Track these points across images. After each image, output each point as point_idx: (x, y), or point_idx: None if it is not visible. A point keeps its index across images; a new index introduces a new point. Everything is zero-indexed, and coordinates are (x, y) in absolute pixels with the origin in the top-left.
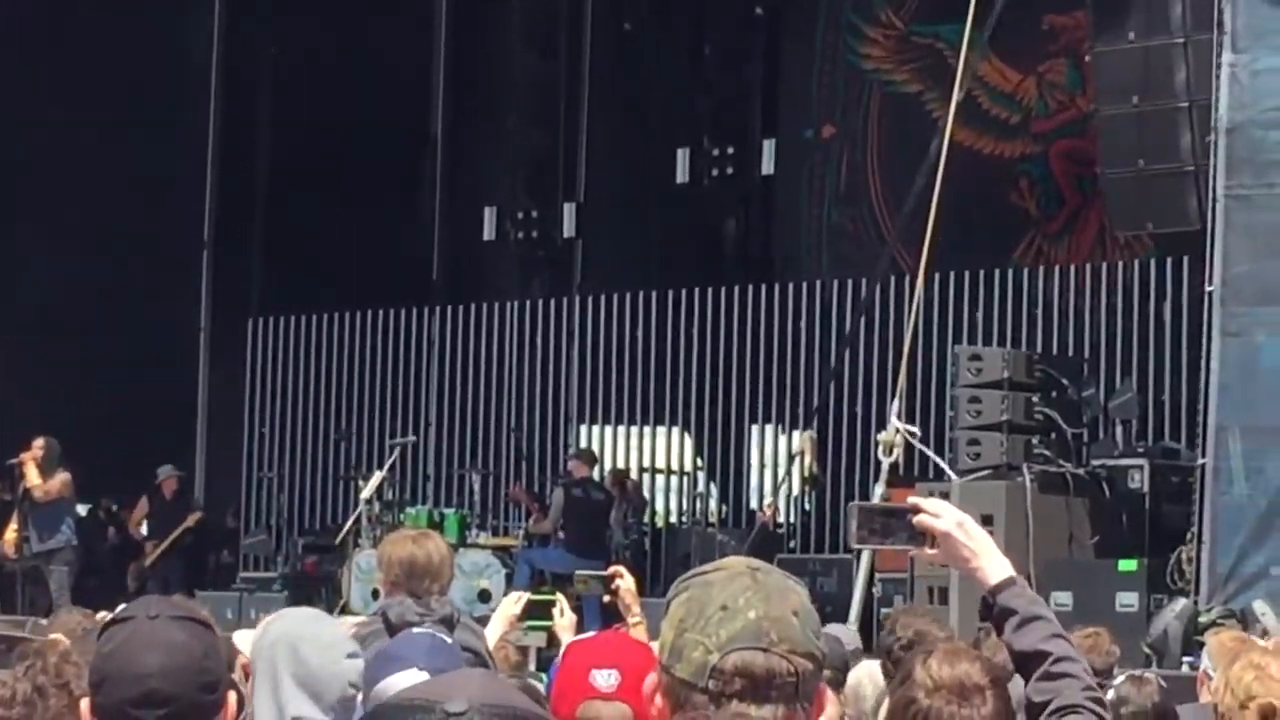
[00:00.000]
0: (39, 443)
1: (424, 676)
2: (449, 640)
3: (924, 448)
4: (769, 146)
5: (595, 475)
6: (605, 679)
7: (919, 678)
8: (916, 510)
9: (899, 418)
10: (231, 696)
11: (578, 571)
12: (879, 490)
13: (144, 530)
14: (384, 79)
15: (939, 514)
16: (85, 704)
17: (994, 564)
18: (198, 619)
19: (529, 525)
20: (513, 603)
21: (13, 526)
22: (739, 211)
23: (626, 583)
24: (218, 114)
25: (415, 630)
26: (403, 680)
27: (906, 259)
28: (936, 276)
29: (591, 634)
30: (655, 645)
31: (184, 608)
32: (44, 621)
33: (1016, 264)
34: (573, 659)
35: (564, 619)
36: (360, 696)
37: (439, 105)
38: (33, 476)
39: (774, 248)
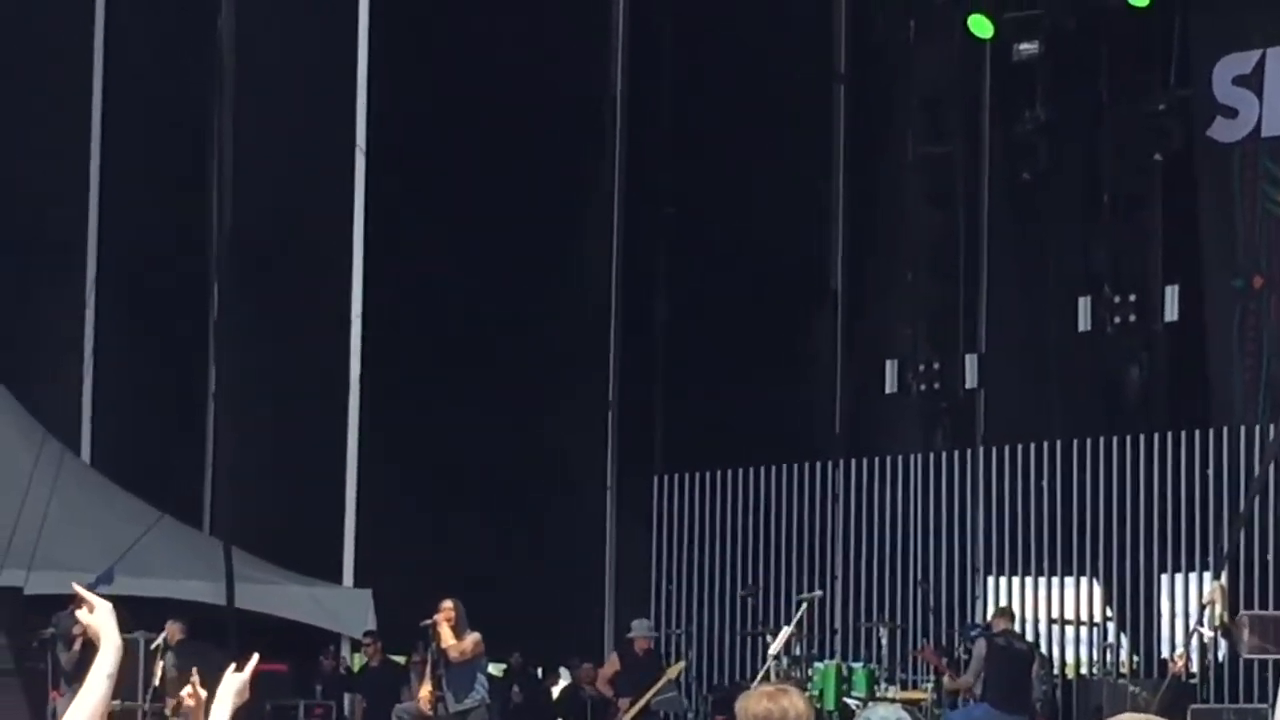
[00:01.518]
0: (449, 604)
1: None
2: None
3: None
4: (1171, 293)
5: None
6: None
7: None
8: None
9: None
10: None
11: None
12: None
13: (610, 690)
14: (783, 233)
15: None
16: None
17: None
18: None
19: (946, 682)
20: None
21: (428, 686)
22: (1142, 358)
23: None
24: (619, 277)
25: None
26: None
27: None
28: None
29: None
30: None
31: None
32: None
33: None
34: None
35: None
36: None
37: (838, 258)
38: (447, 637)
39: (1183, 395)
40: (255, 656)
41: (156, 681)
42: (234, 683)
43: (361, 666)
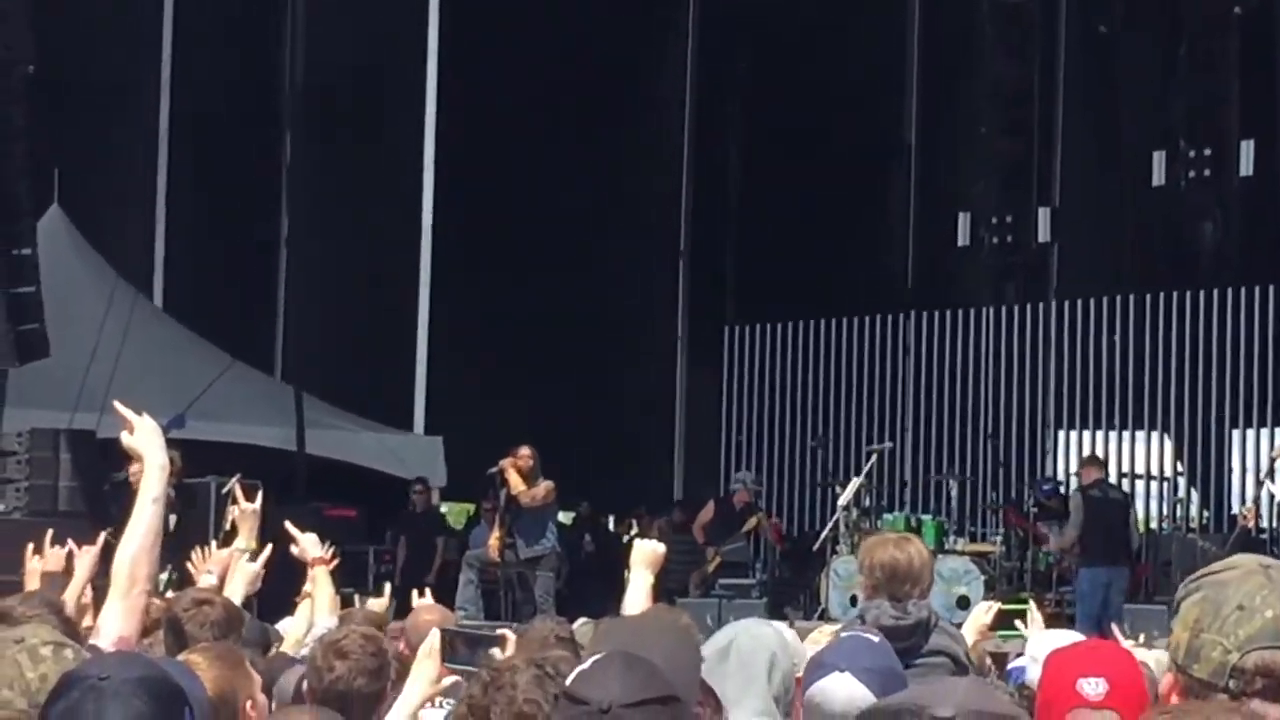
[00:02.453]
0: (523, 451)
1: (847, 678)
2: (876, 640)
3: None
4: (1247, 148)
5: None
6: (1093, 688)
7: None
8: None
9: None
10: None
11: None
12: None
13: (702, 536)
14: (857, 86)
15: None
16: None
17: None
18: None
19: (1051, 544)
20: (983, 612)
21: (496, 533)
22: (1215, 214)
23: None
24: (692, 124)
25: (844, 634)
26: (830, 685)
27: None
28: None
29: (1073, 642)
30: (1139, 650)
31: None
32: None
33: None
34: (1057, 668)
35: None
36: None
37: (912, 111)
38: (516, 484)
39: (1256, 250)
40: (268, 549)
41: (227, 526)
42: (247, 571)
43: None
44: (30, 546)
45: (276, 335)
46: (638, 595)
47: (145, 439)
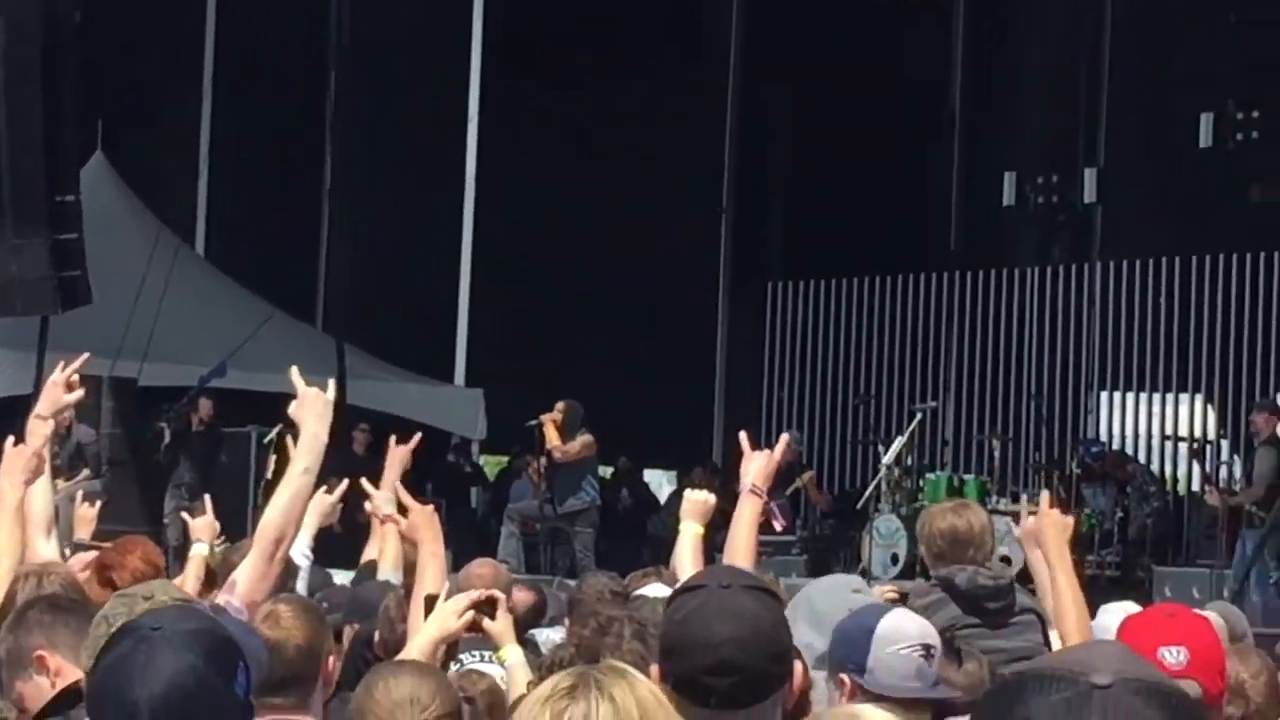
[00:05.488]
0: (560, 405)
1: (906, 610)
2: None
3: None
4: None
5: None
6: (1174, 656)
7: None
8: None
9: None
10: (798, 667)
11: None
12: None
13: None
14: (904, 45)
15: None
16: (655, 670)
17: None
18: (767, 589)
19: (1235, 498)
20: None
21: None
22: (1264, 176)
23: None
24: (736, 79)
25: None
26: (898, 615)
27: None
28: None
29: (1147, 609)
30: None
31: (754, 578)
32: (570, 582)
33: None
34: (1135, 635)
35: None
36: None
37: (958, 69)
38: (553, 438)
39: None
40: (344, 484)
41: (269, 475)
42: (321, 504)
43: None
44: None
45: (318, 286)
46: (687, 547)
47: (306, 408)
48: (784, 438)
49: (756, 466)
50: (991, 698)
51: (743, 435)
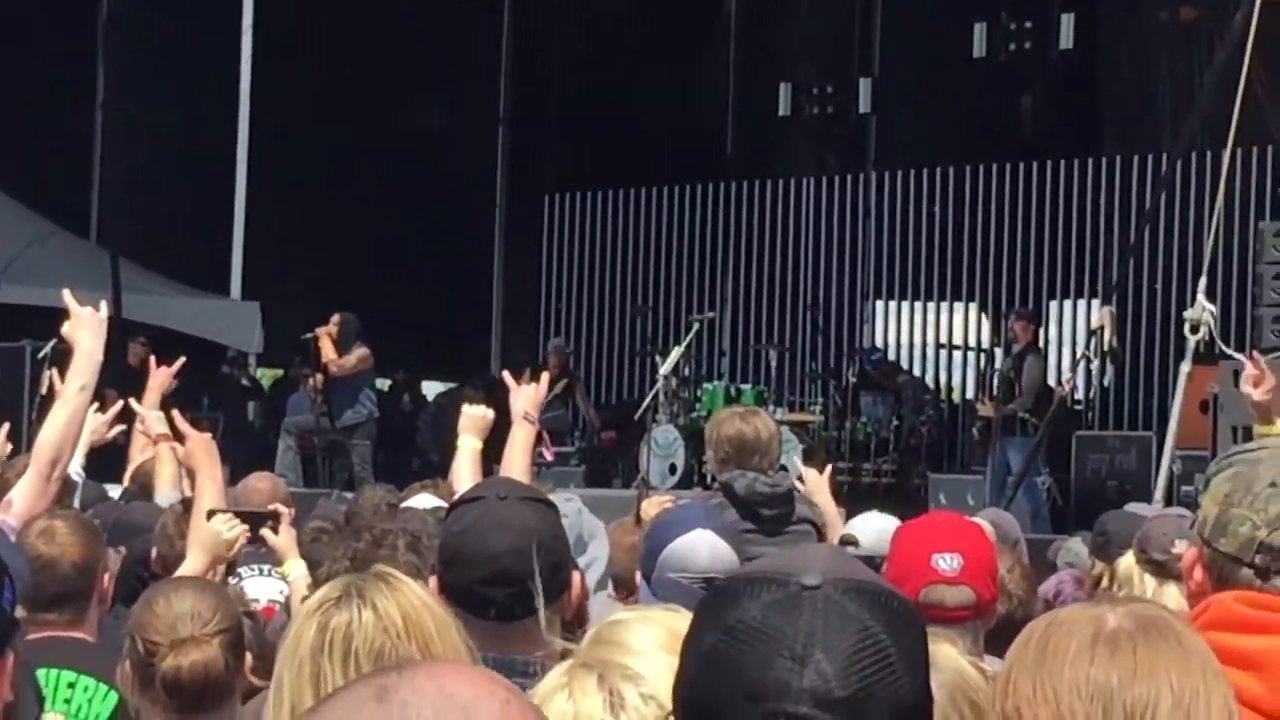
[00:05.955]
0: (335, 318)
1: (710, 534)
2: (714, 505)
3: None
4: (1067, 21)
5: None
6: (948, 563)
7: None
8: None
9: (1204, 295)
10: (576, 577)
11: None
12: (1184, 369)
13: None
14: None
15: None
16: (433, 581)
17: None
18: (543, 500)
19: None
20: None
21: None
22: (1036, 87)
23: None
24: None
25: (685, 502)
26: (691, 540)
27: None
28: (1239, 152)
29: (923, 517)
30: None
31: (531, 489)
32: (349, 495)
33: None
34: (910, 543)
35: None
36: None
37: None
38: (328, 351)
39: (1076, 123)
40: (118, 404)
41: (44, 390)
42: (95, 421)
43: (271, 381)
44: None
45: (92, 199)
46: (465, 461)
47: (80, 327)
48: (544, 377)
49: (525, 396)
50: (706, 602)
51: (506, 374)
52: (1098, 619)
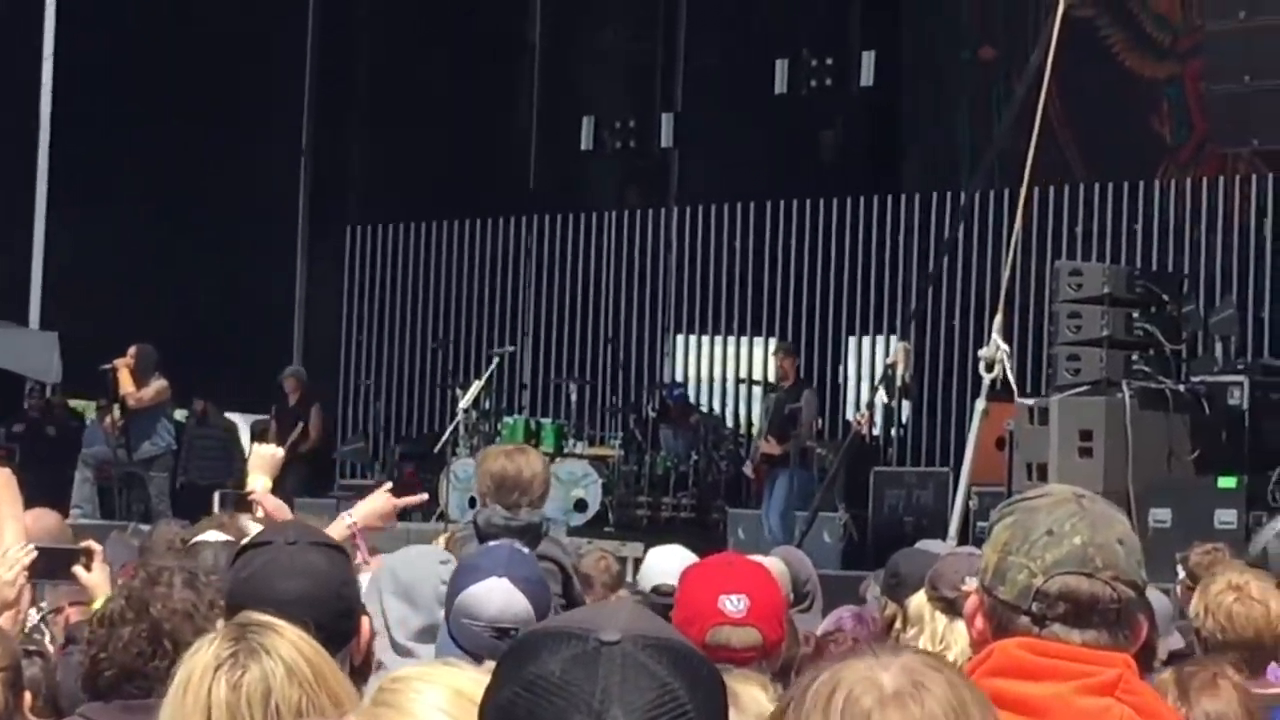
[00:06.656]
0: (132, 350)
1: (505, 583)
2: (526, 551)
3: (1009, 369)
4: (868, 58)
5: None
6: (734, 604)
7: None
8: None
9: (999, 334)
10: (365, 623)
11: None
12: (980, 405)
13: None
14: None
15: None
16: (221, 625)
17: None
18: (333, 545)
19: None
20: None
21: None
22: (837, 123)
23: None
24: (316, 20)
25: (493, 544)
26: (486, 588)
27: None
28: (1036, 191)
29: (710, 558)
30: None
31: (321, 534)
32: (144, 527)
33: (1121, 181)
34: (697, 584)
35: None
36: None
37: (537, 12)
38: (126, 383)
39: (877, 160)
40: None
41: None
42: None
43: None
44: None
45: None
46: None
47: None
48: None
49: (369, 508)
50: (507, 655)
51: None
52: (873, 682)
